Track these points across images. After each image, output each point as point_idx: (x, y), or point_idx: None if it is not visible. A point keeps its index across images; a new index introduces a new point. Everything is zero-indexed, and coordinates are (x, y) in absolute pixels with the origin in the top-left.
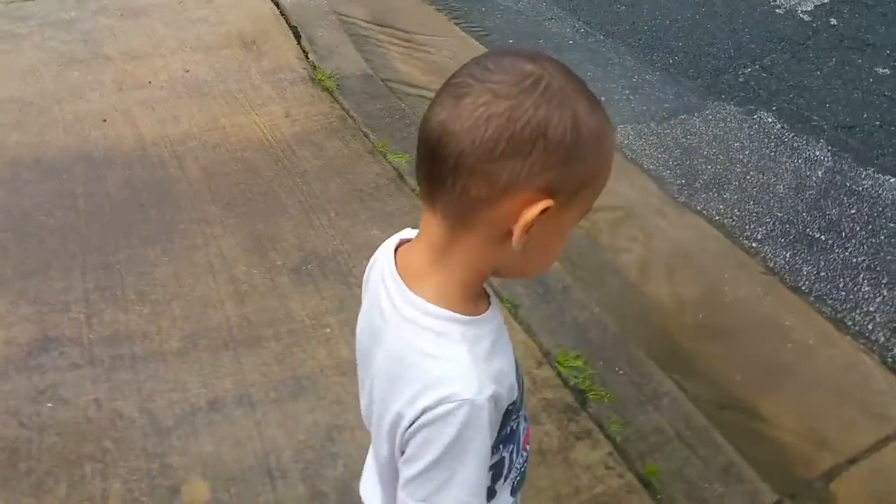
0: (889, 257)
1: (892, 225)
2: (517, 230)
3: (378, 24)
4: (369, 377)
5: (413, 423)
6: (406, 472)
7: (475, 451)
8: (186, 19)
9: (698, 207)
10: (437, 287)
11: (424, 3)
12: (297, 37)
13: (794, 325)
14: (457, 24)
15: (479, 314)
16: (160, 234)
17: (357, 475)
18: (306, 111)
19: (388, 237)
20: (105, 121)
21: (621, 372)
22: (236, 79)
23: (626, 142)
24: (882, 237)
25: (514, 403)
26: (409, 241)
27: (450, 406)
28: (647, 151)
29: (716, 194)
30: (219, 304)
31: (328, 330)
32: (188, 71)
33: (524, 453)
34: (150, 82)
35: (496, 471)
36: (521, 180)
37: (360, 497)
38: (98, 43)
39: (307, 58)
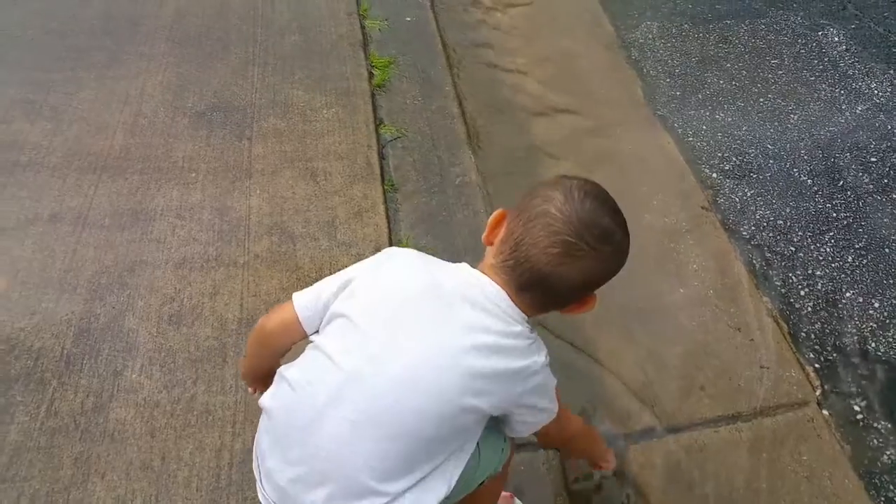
0: (887, 220)
1: None
2: (576, 312)
3: None
4: None
5: None
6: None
7: None
8: None
9: (675, 125)
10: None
11: None
12: None
13: (698, 268)
14: None
15: None
16: (103, 61)
17: (133, 309)
18: None
19: (308, 100)
20: None
21: None
22: None
23: (641, 41)
24: (883, 197)
25: None
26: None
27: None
28: (658, 55)
29: (707, 114)
30: (111, 133)
31: (193, 174)
32: None
33: None
34: None
35: None
36: (590, 293)
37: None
38: None
39: None
